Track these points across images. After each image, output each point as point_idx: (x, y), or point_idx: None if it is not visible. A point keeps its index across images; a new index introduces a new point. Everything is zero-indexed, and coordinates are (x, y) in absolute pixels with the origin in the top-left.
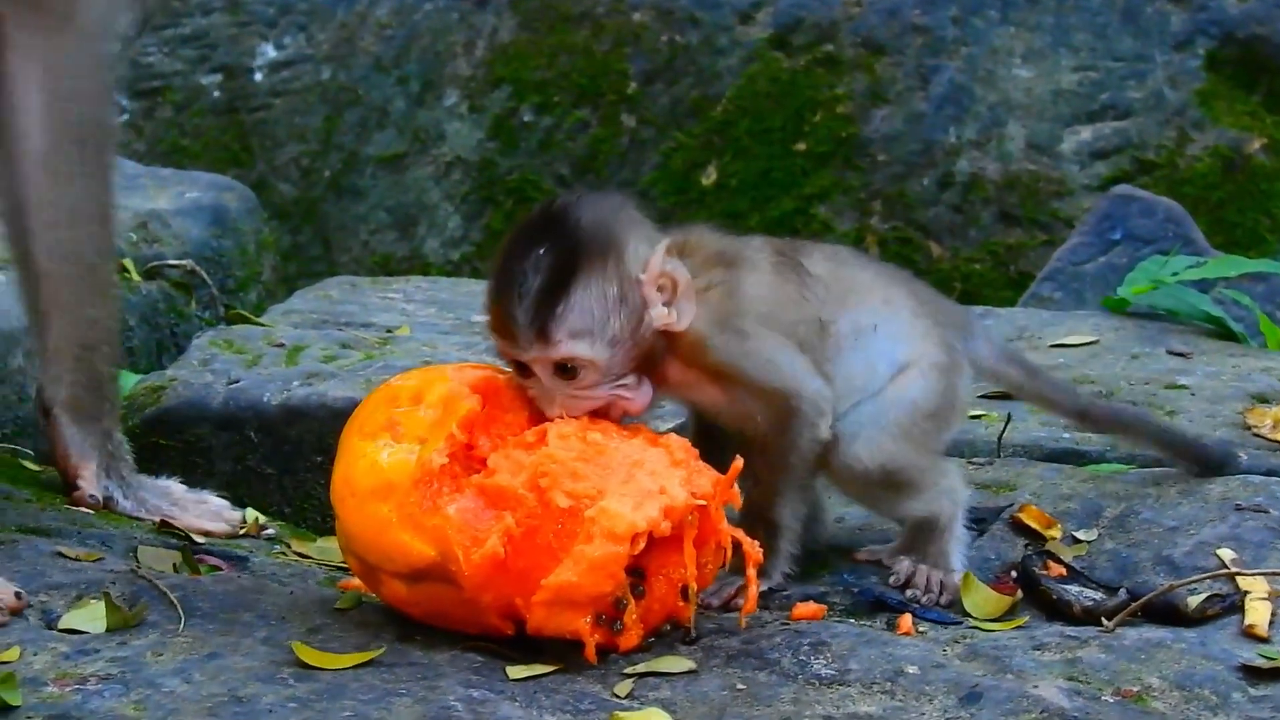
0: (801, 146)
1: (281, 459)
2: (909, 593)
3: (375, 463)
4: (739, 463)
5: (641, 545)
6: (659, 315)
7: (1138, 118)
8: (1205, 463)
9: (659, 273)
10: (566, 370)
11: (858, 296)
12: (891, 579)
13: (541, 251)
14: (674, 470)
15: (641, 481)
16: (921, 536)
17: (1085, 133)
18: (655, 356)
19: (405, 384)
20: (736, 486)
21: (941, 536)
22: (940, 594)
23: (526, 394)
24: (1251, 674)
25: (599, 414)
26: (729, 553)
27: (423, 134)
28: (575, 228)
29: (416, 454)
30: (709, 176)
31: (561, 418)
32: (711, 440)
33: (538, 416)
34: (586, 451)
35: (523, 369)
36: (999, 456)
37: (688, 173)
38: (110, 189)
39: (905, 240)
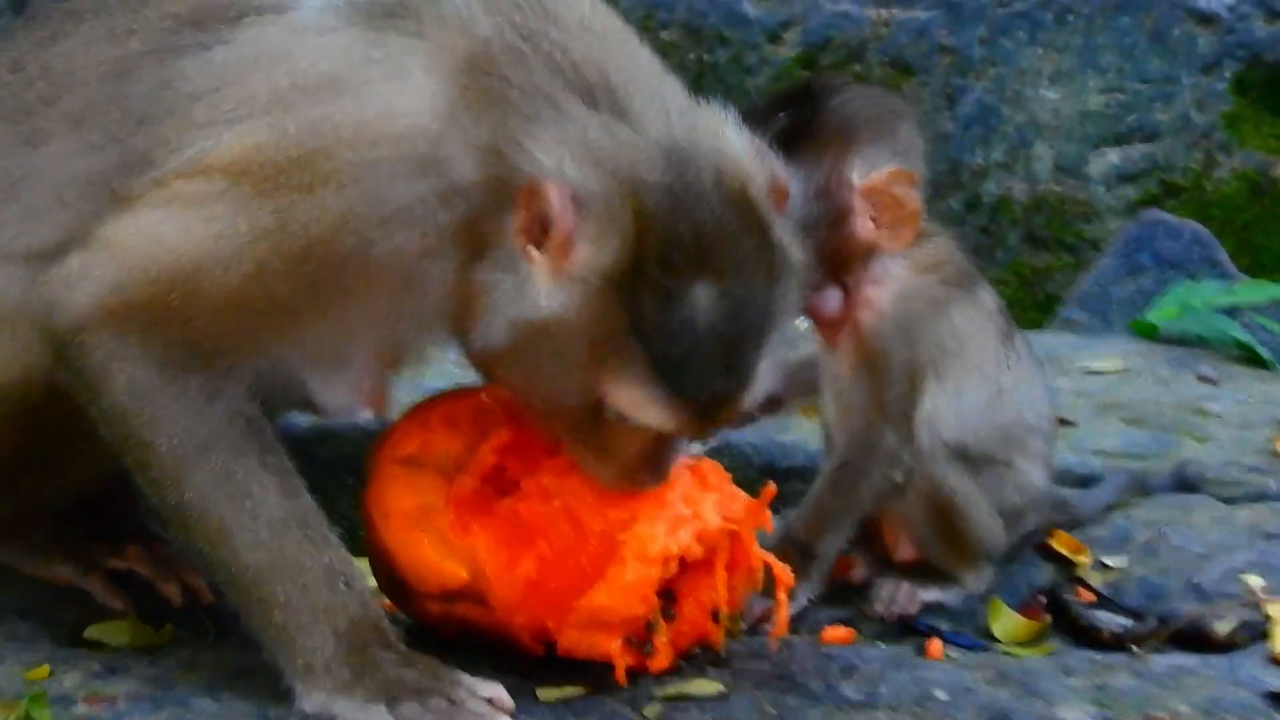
0: None
1: (313, 479)
2: (871, 601)
3: (409, 485)
4: (771, 488)
5: (674, 568)
6: (864, 227)
7: (1165, 140)
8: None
9: (875, 188)
10: None
11: (1037, 394)
12: (872, 593)
13: (782, 117)
14: (707, 494)
15: (674, 505)
16: (926, 573)
17: (1112, 155)
18: (851, 269)
19: (437, 407)
20: (769, 511)
21: (941, 584)
22: (891, 606)
23: None
24: (1278, 701)
25: None
26: (760, 576)
27: None
28: (819, 108)
29: (449, 476)
30: None
31: None
32: None
33: None
34: None
35: None
36: None
37: None
38: None
39: None
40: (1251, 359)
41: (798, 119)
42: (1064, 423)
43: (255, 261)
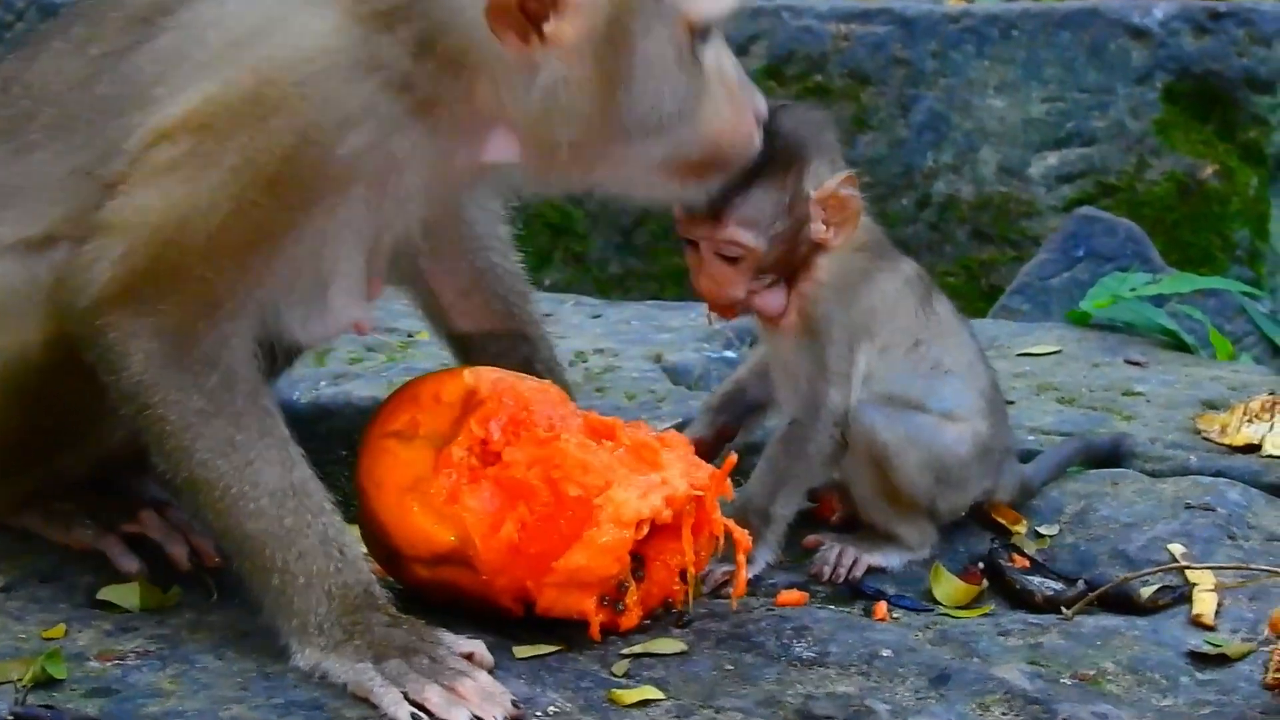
0: None
1: (310, 454)
2: (815, 563)
3: (399, 457)
4: (733, 458)
5: (645, 531)
6: (817, 230)
7: (1101, 145)
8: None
9: (830, 195)
10: (727, 253)
11: (956, 346)
12: (817, 556)
13: None
14: (674, 463)
15: (645, 473)
16: (871, 536)
17: (1052, 158)
18: (797, 269)
19: (425, 384)
20: (729, 480)
21: (886, 546)
22: (836, 568)
23: (537, 395)
24: (1198, 659)
25: (735, 308)
26: (721, 541)
27: None
28: (771, 133)
29: (438, 448)
30: None
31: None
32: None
33: (549, 415)
34: (594, 445)
35: (692, 245)
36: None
37: None
38: None
39: None
40: (1177, 345)
41: None
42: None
43: (232, 199)
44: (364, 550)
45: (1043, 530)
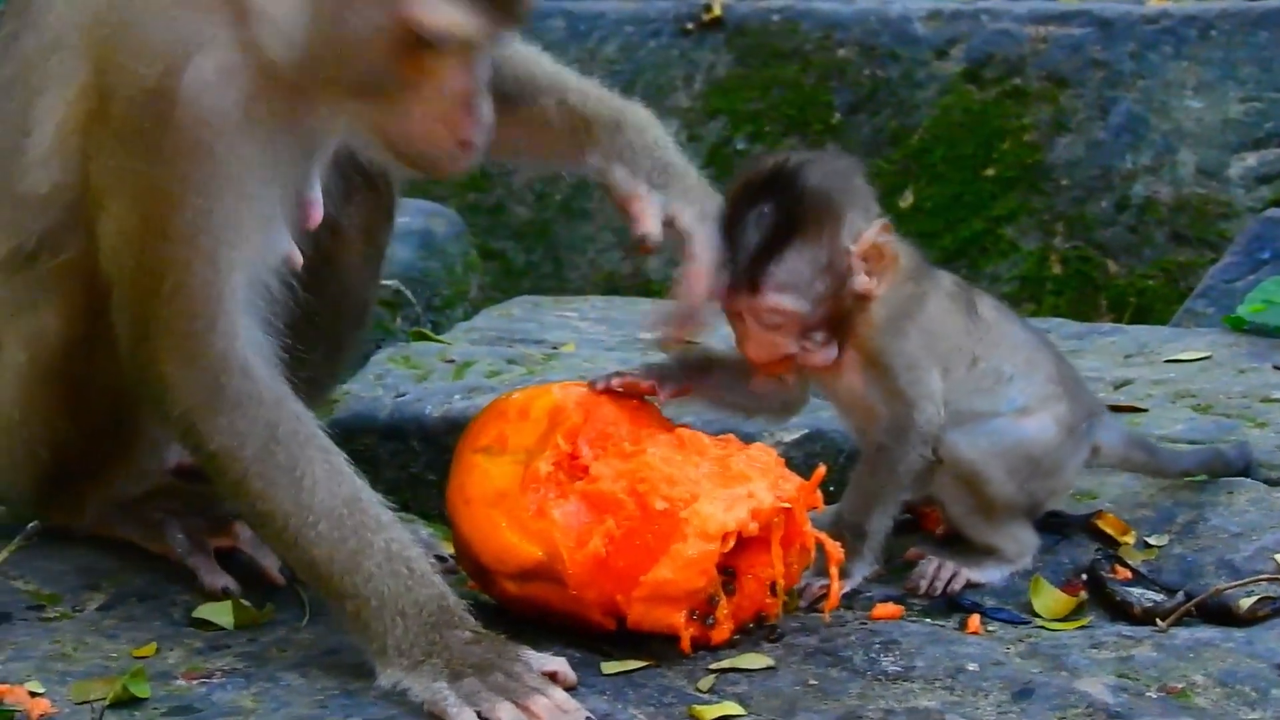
0: (990, 172)
1: (442, 467)
2: (913, 577)
3: (487, 473)
4: (821, 470)
5: (732, 544)
6: (861, 283)
7: None
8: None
9: (869, 246)
10: (770, 321)
11: (1010, 348)
12: (915, 570)
13: (765, 209)
14: (760, 475)
15: (731, 486)
16: (971, 550)
17: (1250, 159)
18: (846, 320)
19: (513, 400)
20: (819, 491)
21: (986, 561)
22: (933, 582)
23: (623, 408)
24: None
25: (785, 363)
26: (813, 553)
27: None
28: (800, 191)
29: (524, 464)
30: (906, 200)
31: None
32: None
33: (635, 429)
34: (680, 459)
35: (735, 315)
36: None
37: (886, 196)
38: None
39: (1085, 259)
40: None
41: (783, 208)
42: (1135, 409)
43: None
44: (434, 562)
45: (1151, 540)
